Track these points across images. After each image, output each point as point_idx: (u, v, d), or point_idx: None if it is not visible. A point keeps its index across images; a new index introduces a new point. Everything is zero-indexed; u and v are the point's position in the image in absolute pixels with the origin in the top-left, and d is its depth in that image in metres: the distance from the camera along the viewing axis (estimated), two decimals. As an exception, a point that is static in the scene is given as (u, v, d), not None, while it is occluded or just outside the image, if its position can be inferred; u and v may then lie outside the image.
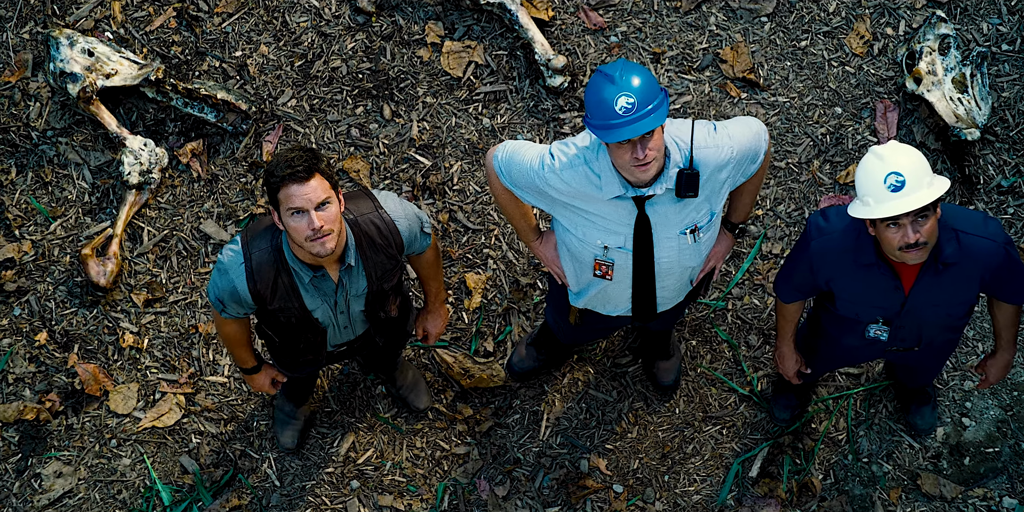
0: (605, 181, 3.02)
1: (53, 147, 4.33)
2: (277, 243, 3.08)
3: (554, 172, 3.06)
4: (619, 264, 3.18)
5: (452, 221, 4.25)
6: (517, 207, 3.28)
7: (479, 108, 4.31)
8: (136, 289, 4.23)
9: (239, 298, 3.12)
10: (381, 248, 3.14)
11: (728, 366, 4.15)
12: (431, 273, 3.42)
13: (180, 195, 4.31)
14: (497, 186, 3.22)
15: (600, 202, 3.06)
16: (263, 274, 3.09)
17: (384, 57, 4.35)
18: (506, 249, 4.23)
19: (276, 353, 3.45)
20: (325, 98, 4.33)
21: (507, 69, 4.33)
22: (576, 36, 4.37)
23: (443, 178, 4.27)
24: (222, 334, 3.32)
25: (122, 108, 4.33)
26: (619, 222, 3.08)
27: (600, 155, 3.03)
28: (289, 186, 2.92)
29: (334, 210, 2.96)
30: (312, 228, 2.93)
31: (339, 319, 3.26)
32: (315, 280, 3.12)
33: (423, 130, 4.29)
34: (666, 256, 3.17)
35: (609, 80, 2.89)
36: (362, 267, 3.14)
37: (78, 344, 4.18)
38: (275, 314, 3.18)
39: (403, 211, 3.17)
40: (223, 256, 3.11)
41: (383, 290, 3.22)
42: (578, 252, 3.18)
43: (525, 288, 4.21)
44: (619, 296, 3.32)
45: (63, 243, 4.27)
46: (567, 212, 3.11)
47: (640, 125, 2.87)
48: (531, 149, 3.15)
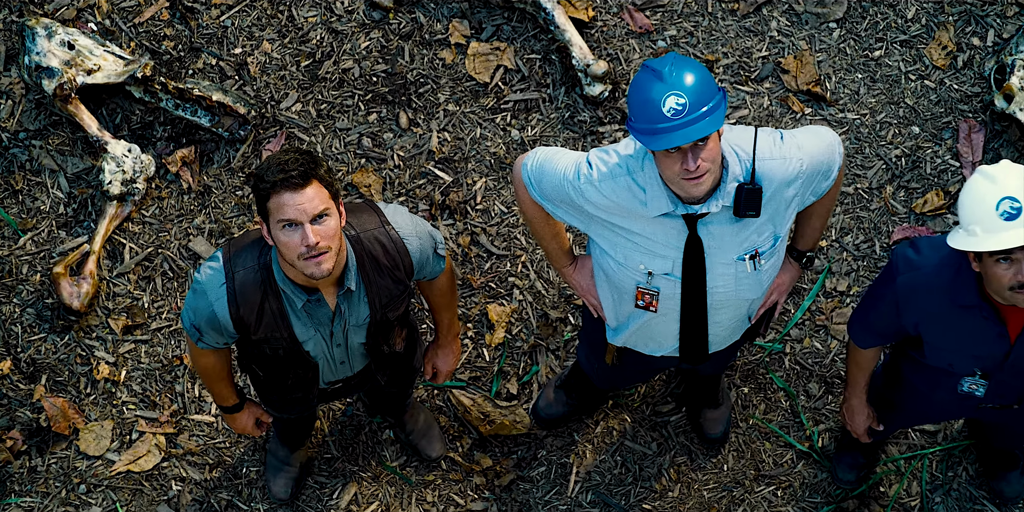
0: (651, 195, 2.94)
1: (25, 151, 4.31)
2: (265, 261, 2.99)
3: (592, 184, 2.99)
4: (665, 294, 3.09)
5: (474, 245, 4.22)
6: (548, 226, 3.22)
7: (507, 118, 4.30)
8: (114, 314, 4.20)
9: (218, 325, 3.04)
10: (387, 271, 3.06)
11: (784, 418, 4.10)
12: (444, 302, 3.34)
13: (167, 208, 4.28)
14: (526, 200, 3.15)
15: (645, 220, 2.98)
16: (247, 297, 2.99)
17: (402, 58, 4.35)
18: (534, 278, 4.19)
19: (261, 390, 3.38)
20: (334, 103, 4.32)
21: (540, 75, 4.33)
22: (619, 40, 4.36)
23: (465, 196, 4.24)
24: (198, 367, 3.24)
25: (105, 109, 4.32)
26: (666, 244, 3.00)
27: (646, 165, 2.96)
28: (281, 194, 2.83)
29: (333, 224, 2.87)
30: (306, 244, 2.83)
31: (335, 352, 3.17)
32: (309, 306, 3.02)
33: (444, 142, 4.28)
34: (721, 286, 3.08)
35: (657, 77, 2.81)
36: (364, 292, 3.06)
37: (46, 375, 4.15)
38: (260, 345, 3.09)
39: (414, 228, 3.09)
40: (200, 274, 3.02)
41: (387, 320, 3.14)
42: (618, 279, 3.10)
43: (555, 323, 4.17)
44: (665, 332, 3.24)
45: (33, 260, 4.25)
46: (606, 231, 3.04)
47: (692, 130, 2.77)
48: (566, 157, 3.08)
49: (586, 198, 3.02)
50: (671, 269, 3.05)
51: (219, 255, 3.02)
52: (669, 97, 2.78)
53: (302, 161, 2.85)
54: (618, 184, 2.98)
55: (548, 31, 4.32)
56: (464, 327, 4.14)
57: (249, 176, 3.11)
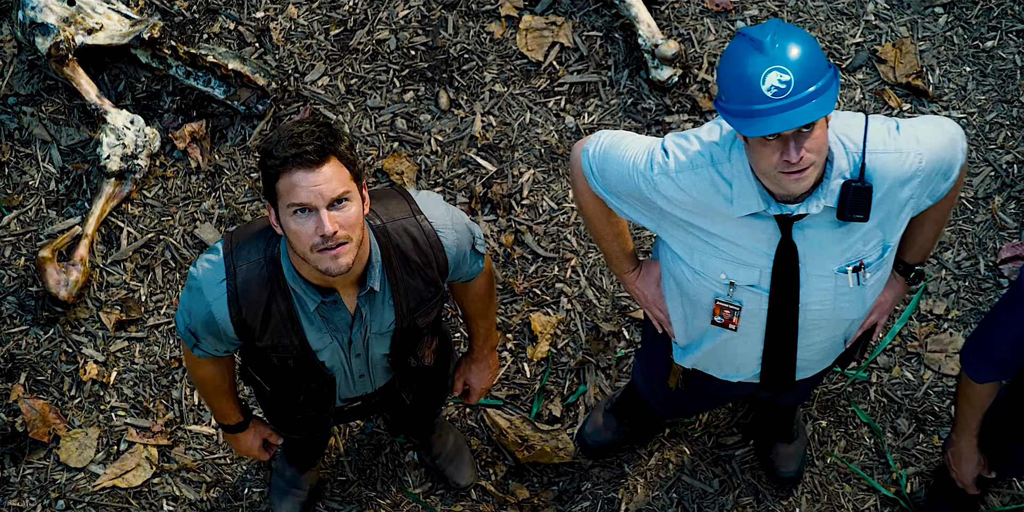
0: (738, 191, 2.82)
1: (15, 118, 4.31)
2: (273, 254, 2.88)
3: (667, 175, 2.88)
4: (749, 309, 2.98)
5: (518, 245, 4.19)
6: (610, 224, 3.13)
7: (561, 102, 4.29)
8: (107, 306, 4.16)
9: (217, 329, 2.93)
10: (417, 269, 2.95)
11: (868, 457, 4.02)
12: (481, 309, 3.26)
13: (172, 189, 4.26)
14: (585, 193, 3.06)
15: (729, 220, 2.86)
16: (251, 297, 2.88)
17: (445, 30, 4.34)
18: (585, 285, 4.15)
19: (267, 407, 3.31)
20: (366, 78, 4.32)
21: (600, 55, 4.31)
22: (693, 18, 4.34)
23: (510, 189, 4.22)
24: (195, 378, 3.15)
25: (107, 74, 4.31)
26: (754, 250, 2.89)
27: (734, 155, 2.83)
28: (293, 172, 2.70)
29: (354, 211, 2.75)
30: (322, 234, 2.71)
31: (353, 364, 3.07)
32: (323, 309, 2.91)
33: (488, 126, 4.27)
34: (816, 302, 2.95)
35: (756, 47, 2.66)
36: (389, 294, 2.94)
37: (26, 373, 4.12)
38: (266, 354, 2.99)
39: (450, 219, 2.98)
40: (196, 269, 2.91)
41: (416, 328, 3.03)
42: (692, 290, 2.99)
43: (607, 337, 4.12)
44: (745, 355, 3.13)
45: (17, 242, 4.22)
46: (680, 232, 2.93)
47: (796, 114, 2.63)
48: (636, 143, 2.97)
49: (659, 192, 2.91)
50: (758, 280, 2.94)
51: (219, 247, 2.92)
52: (770, 73, 2.64)
53: (319, 134, 2.72)
54: (699, 176, 2.86)
55: (612, 5, 4.32)
56: (503, 338, 4.11)
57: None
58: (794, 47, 2.66)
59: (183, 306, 2.96)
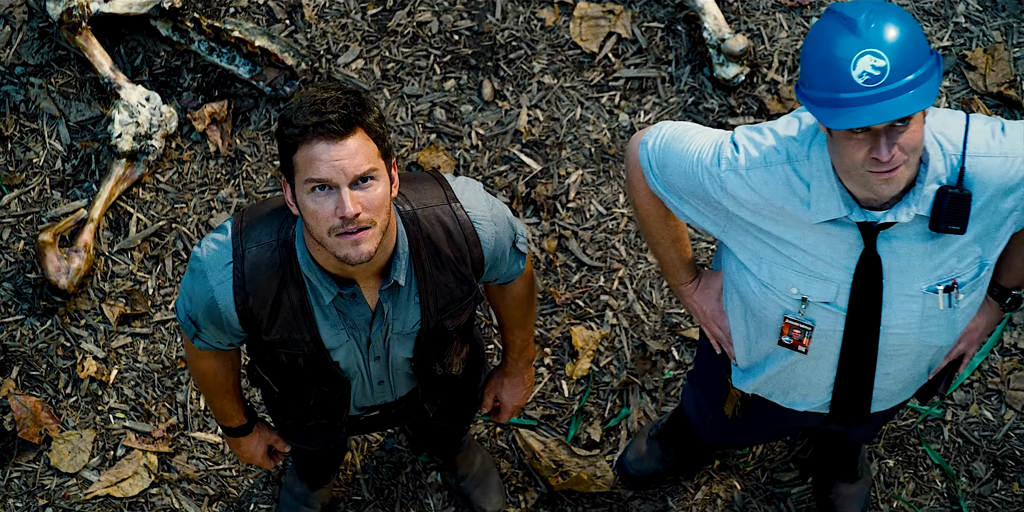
0: (817, 193, 2.74)
1: (21, 90, 4.31)
2: (287, 237, 2.81)
3: (736, 172, 2.80)
4: (822, 330, 2.89)
5: (561, 251, 4.17)
6: (667, 227, 3.07)
7: (616, 99, 4.28)
8: (110, 298, 4.14)
9: (219, 318, 2.86)
10: (449, 263, 2.87)
11: (939, 503, 3.98)
12: (518, 317, 3.20)
13: (188, 174, 4.25)
14: (641, 190, 3.00)
15: (805, 227, 2.78)
16: (260, 284, 2.81)
17: (492, 15, 4.35)
18: (633, 298, 4.12)
19: (274, 411, 3.27)
20: (404, 63, 4.32)
21: (661, 48, 4.31)
22: (764, 13, 4.33)
23: (555, 190, 4.21)
24: (195, 372, 3.10)
25: (123, 46, 4.32)
26: (832, 262, 2.80)
27: (814, 152, 2.75)
28: (313, 144, 2.62)
29: (380, 192, 2.66)
30: (342, 215, 2.63)
31: (372, 368, 2.99)
32: (340, 302, 2.84)
33: (534, 121, 4.27)
34: (900, 325, 2.87)
35: (848, 27, 2.55)
36: (416, 290, 2.87)
37: (19, 366, 4.11)
38: (273, 349, 2.92)
39: (489, 210, 2.91)
40: (201, 250, 2.85)
41: (444, 330, 2.96)
42: (758, 305, 2.92)
43: (655, 356, 4.09)
44: (814, 381, 3.06)
45: (17, 223, 4.22)
46: (748, 239, 2.86)
47: (891, 105, 2.52)
48: (701, 135, 2.90)
49: (727, 191, 2.83)
50: (834, 297, 2.85)
51: (228, 226, 2.85)
52: (863, 57, 2.53)
53: (346, 102, 2.64)
54: (773, 175, 2.78)
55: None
56: (540, 352, 4.08)
57: None
58: (892, 28, 2.55)
59: (184, 290, 2.90)
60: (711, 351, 3.28)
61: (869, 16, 2.56)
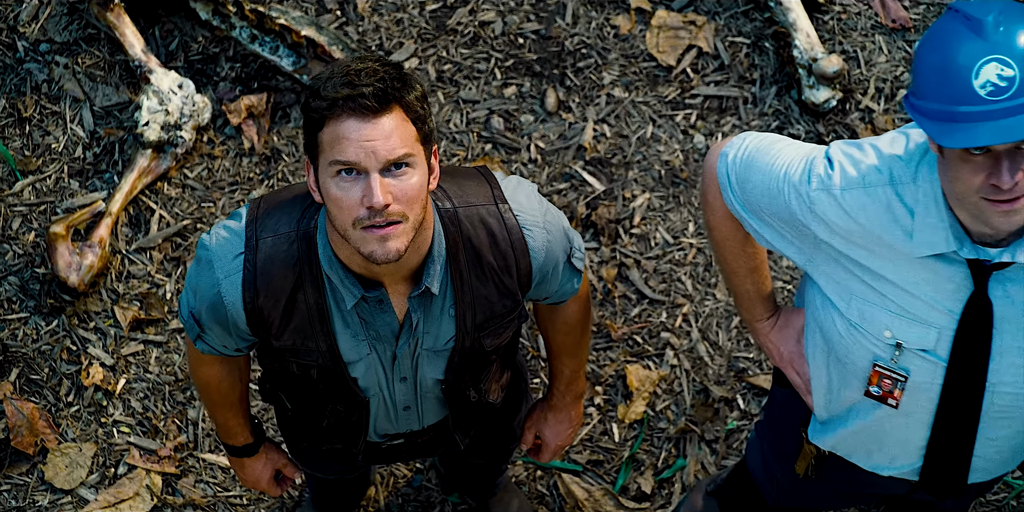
0: (922, 223, 2.64)
1: (45, 68, 4.33)
2: (308, 228, 2.71)
3: (829, 192, 2.71)
4: (918, 381, 2.80)
5: (621, 281, 4.14)
6: (744, 253, 2.98)
7: (691, 117, 4.29)
8: (123, 301, 4.14)
9: (225, 317, 2.77)
10: (491, 272, 2.78)
11: None
12: (569, 344, 3.13)
13: (219, 171, 4.26)
14: (718, 210, 2.92)
15: (905, 260, 2.68)
16: (273, 280, 2.72)
17: (562, 18, 4.35)
18: (697, 338, 4.11)
19: (288, 430, 3.19)
20: (462, 64, 4.33)
21: (745, 66, 4.32)
22: (862, 34, 4.33)
23: (618, 214, 4.20)
24: (197, 380, 3.04)
25: (158, 29, 4.35)
26: (934, 303, 2.70)
27: (922, 174, 2.65)
28: (342, 120, 2.52)
29: (415, 182, 2.56)
30: (369, 204, 2.52)
31: (396, 390, 2.90)
32: (364, 308, 2.74)
33: (600, 136, 4.26)
34: (1009, 383, 2.77)
35: (972, 28, 2.44)
36: (451, 300, 2.77)
37: (18, 369, 4.10)
38: (284, 358, 2.83)
39: (542, 215, 2.81)
40: (209, 237, 2.77)
41: (482, 350, 2.86)
42: (844, 348, 2.83)
43: (718, 404, 4.07)
44: (903, 441, 2.98)
45: (30, 213, 4.23)
46: (837, 270, 2.77)
47: (1018, 123, 2.43)
48: (791, 149, 2.84)
49: (816, 213, 2.75)
50: (934, 344, 2.76)
51: (242, 213, 2.77)
52: (988, 64, 2.43)
53: (384, 75, 2.53)
54: (872, 198, 2.70)
55: (766, 8, 4.32)
56: (591, 390, 4.04)
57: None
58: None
59: (189, 283, 2.82)
60: (785, 399, 3.21)
61: (999, 17, 2.45)
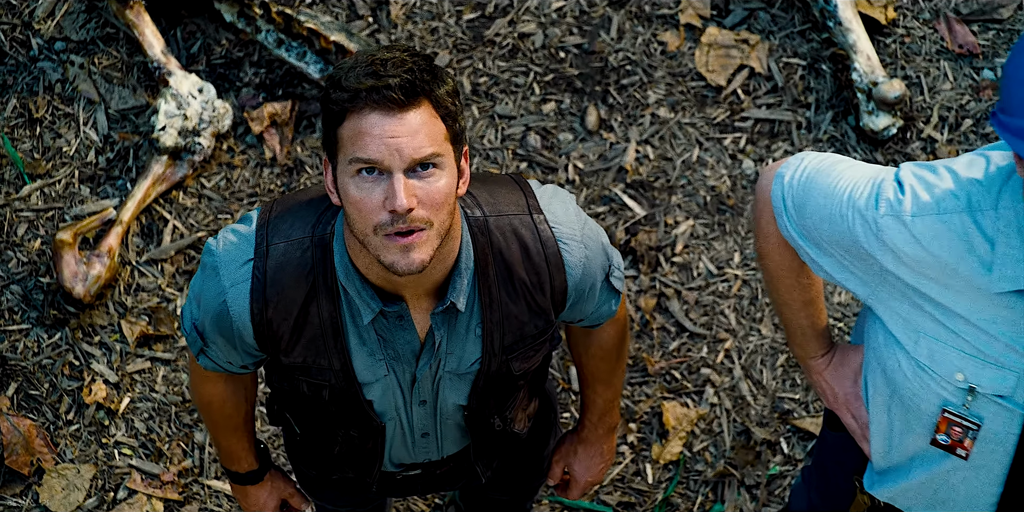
0: (1003, 255, 2.58)
1: (59, 67, 4.33)
2: (324, 234, 2.66)
3: (898, 218, 2.66)
4: (992, 430, 2.76)
5: (660, 312, 4.14)
6: (799, 284, 2.92)
7: (740, 142, 4.29)
8: (131, 315, 4.16)
9: (230, 330, 2.71)
10: (523, 289, 2.72)
11: None
12: (604, 371, 3.08)
13: (238, 182, 4.27)
14: (770, 235, 2.86)
15: (982, 296, 2.62)
16: (284, 290, 2.66)
17: (606, 32, 4.35)
18: (740, 376, 4.10)
19: (296, 457, 3.14)
20: (499, 78, 4.33)
21: (799, 89, 4.32)
22: (927, 59, 4.34)
23: (660, 241, 4.19)
24: (199, 399, 2.98)
25: (181, 30, 4.37)
26: (1014, 344, 2.64)
27: (1004, 200, 2.62)
28: (365, 114, 2.47)
29: (443, 185, 2.50)
30: (392, 209, 2.46)
31: (414, 415, 2.85)
32: (382, 323, 2.68)
33: (643, 158, 4.26)
34: None
35: None
36: (478, 318, 2.72)
37: (17, 383, 4.11)
38: (294, 376, 2.77)
39: (580, 229, 2.75)
40: (216, 242, 2.71)
41: (510, 374, 2.81)
42: (909, 391, 2.77)
43: (759, 447, 4.05)
44: (972, 497, 2.92)
45: (36, 218, 4.24)
46: (904, 305, 2.73)
47: None
48: (855, 170, 2.79)
49: (883, 241, 2.69)
50: (1011, 390, 2.71)
51: (253, 216, 2.71)
52: None
53: (412, 65, 2.48)
54: (947, 226, 2.64)
55: (824, 28, 4.30)
56: (624, 427, 4.02)
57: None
58: None
59: (192, 292, 2.76)
60: (837, 444, 3.16)
61: None
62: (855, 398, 3.01)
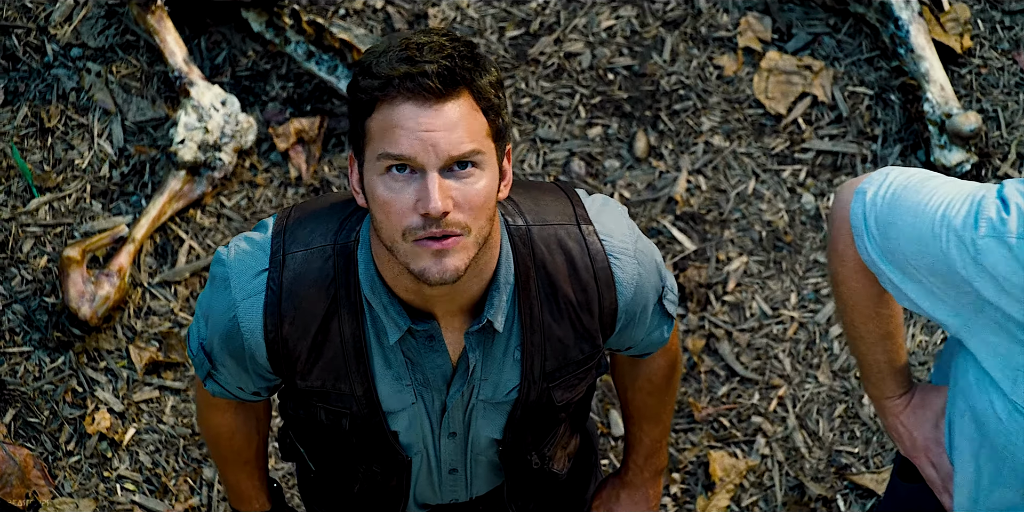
0: None
1: (75, 75, 4.34)
2: (347, 242, 2.59)
3: (1001, 239, 2.59)
4: None
5: (709, 354, 4.13)
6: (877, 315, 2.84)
7: (800, 174, 4.28)
8: (140, 340, 4.17)
9: (241, 349, 2.64)
10: (568, 308, 2.64)
11: None
12: (652, 406, 3.03)
13: (260, 201, 4.29)
14: (847, 260, 2.78)
15: None
16: (302, 304, 2.58)
17: (659, 54, 4.36)
18: (794, 426, 4.09)
19: (310, 496, 3.09)
20: (543, 99, 4.34)
21: (866, 119, 4.31)
22: (1004, 91, 4.34)
23: (710, 277, 4.20)
24: (206, 430, 2.93)
25: (205, 39, 4.39)
26: None
27: None
28: (397, 104, 2.39)
29: (483, 186, 2.43)
30: (424, 211, 2.38)
31: (443, 448, 2.78)
32: (411, 344, 2.60)
33: (695, 189, 4.27)
34: None
35: None
36: (518, 340, 2.64)
37: (15, 409, 4.11)
38: (310, 402, 2.70)
39: (633, 242, 2.68)
40: (227, 252, 2.64)
41: (551, 405, 2.74)
42: (1003, 438, 2.70)
43: (814, 503, 4.04)
44: None
45: (44, 234, 4.25)
46: (1002, 339, 2.67)
47: None
48: (949, 186, 2.72)
49: (983, 266, 2.62)
50: None
51: (269, 223, 2.64)
52: None
53: (451, 51, 2.40)
54: None
55: (895, 56, 4.28)
56: (666, 475, 4.01)
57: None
58: None
59: (200, 308, 2.69)
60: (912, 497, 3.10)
61: None
62: (936, 444, 2.94)
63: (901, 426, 2.98)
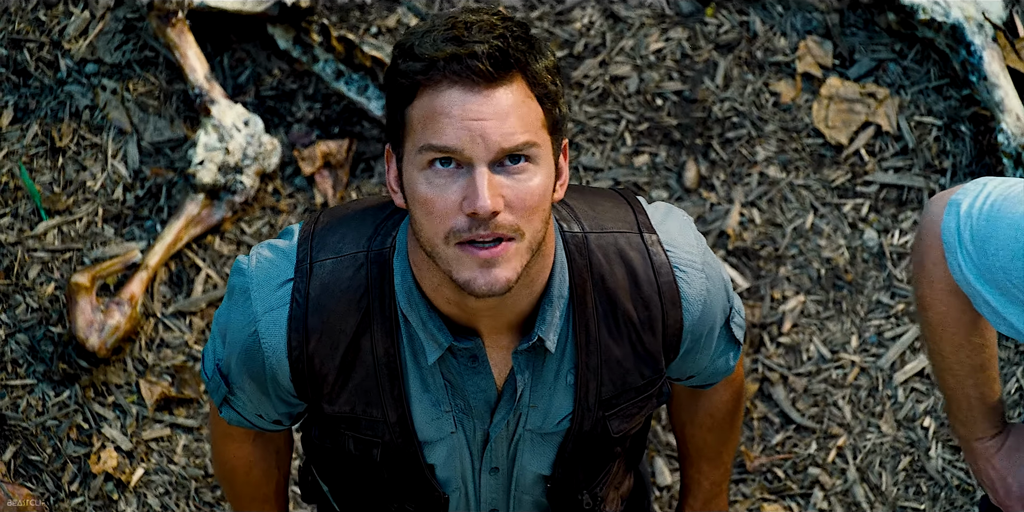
0: None
1: (89, 92, 4.34)
2: (382, 249, 2.51)
3: None
4: None
5: (762, 399, 4.13)
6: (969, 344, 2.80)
7: (863, 209, 4.27)
8: (152, 374, 4.15)
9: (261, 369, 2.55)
10: (628, 326, 2.56)
11: None
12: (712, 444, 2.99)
13: (282, 227, 4.26)
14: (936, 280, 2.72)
15: None
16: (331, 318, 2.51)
17: (711, 79, 4.36)
18: (854, 478, 4.06)
19: None
20: (586, 125, 4.34)
21: (934, 151, 4.29)
22: None
23: (764, 317, 4.19)
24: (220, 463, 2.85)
25: (228, 56, 4.38)
26: None
27: None
28: (442, 89, 2.31)
29: (538, 184, 2.35)
30: (471, 211, 2.30)
31: (483, 485, 2.70)
32: (451, 364, 2.52)
33: (748, 223, 4.27)
34: None
35: None
36: (571, 361, 2.55)
37: (16, 445, 4.10)
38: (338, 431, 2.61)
39: (700, 255, 2.61)
40: (248, 261, 2.56)
41: (607, 436, 2.66)
42: None
43: None
44: None
45: (52, 260, 4.25)
46: None
47: None
48: None
49: None
50: None
51: (295, 230, 2.58)
52: None
53: (503, 31, 2.32)
54: None
55: (966, 84, 4.27)
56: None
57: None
58: None
59: (216, 325, 2.62)
60: None
61: None
62: None
63: (993, 470, 2.92)
